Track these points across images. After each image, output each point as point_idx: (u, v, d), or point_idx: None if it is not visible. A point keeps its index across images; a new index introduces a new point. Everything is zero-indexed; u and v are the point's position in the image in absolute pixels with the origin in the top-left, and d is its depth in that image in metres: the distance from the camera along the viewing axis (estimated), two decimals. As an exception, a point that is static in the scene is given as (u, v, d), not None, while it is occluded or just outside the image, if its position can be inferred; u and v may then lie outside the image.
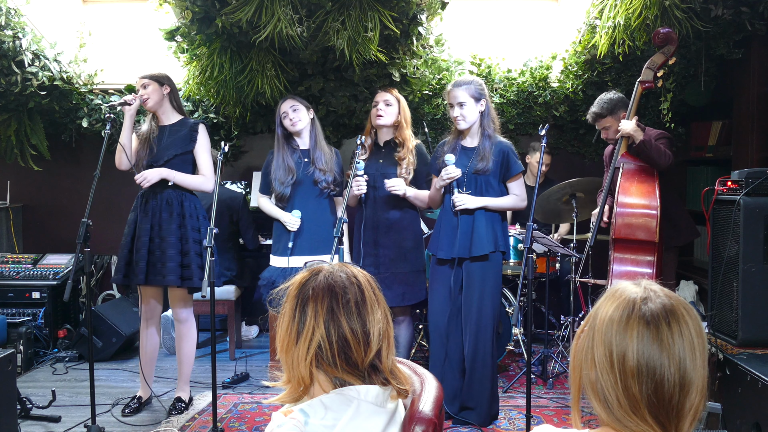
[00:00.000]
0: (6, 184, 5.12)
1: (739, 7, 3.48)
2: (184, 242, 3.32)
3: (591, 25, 4.30)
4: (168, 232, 3.30)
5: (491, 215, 3.29)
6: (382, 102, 3.51)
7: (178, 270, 3.29)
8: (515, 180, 3.32)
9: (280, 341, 1.27)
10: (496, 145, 3.28)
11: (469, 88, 3.25)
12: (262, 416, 3.39)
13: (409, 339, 3.64)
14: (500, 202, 3.30)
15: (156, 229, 3.31)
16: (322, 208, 3.56)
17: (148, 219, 3.32)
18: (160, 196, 3.34)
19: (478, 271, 3.24)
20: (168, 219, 3.32)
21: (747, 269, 2.79)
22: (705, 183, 4.54)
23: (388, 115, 3.51)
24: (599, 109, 3.60)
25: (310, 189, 3.53)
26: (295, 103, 3.58)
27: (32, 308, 4.43)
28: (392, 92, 3.56)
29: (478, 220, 3.25)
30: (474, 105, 3.26)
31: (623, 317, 1.02)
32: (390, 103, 3.51)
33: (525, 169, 3.77)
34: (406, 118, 3.54)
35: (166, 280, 3.29)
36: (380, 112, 3.50)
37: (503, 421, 3.32)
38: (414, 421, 1.30)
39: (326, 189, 3.54)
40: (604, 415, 1.04)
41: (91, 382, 3.04)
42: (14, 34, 4.20)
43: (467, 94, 3.24)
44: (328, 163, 3.55)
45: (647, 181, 3.29)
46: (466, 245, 3.24)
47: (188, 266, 3.30)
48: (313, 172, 3.52)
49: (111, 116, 3.21)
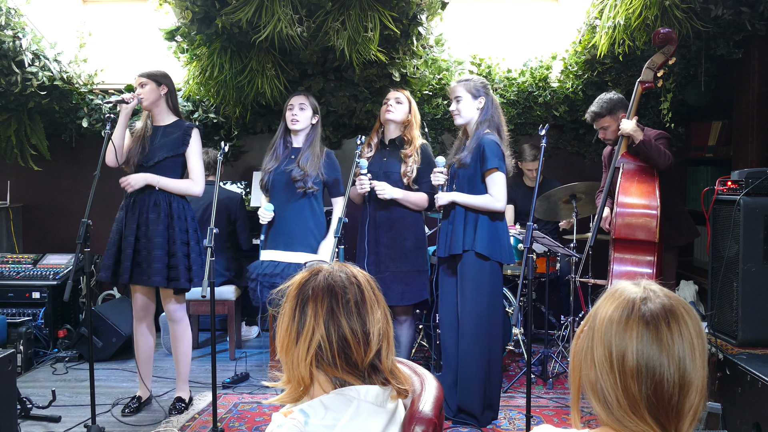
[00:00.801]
0: (6, 184, 5.12)
1: (739, 7, 3.48)
2: (171, 243, 3.31)
3: (591, 25, 4.30)
4: (155, 233, 3.29)
5: (469, 214, 3.22)
6: (393, 99, 3.55)
7: (165, 271, 3.28)
8: (489, 176, 3.19)
9: (280, 341, 1.27)
10: (479, 138, 3.22)
11: (467, 84, 3.27)
12: (262, 416, 3.39)
13: (410, 339, 3.64)
14: (470, 199, 3.22)
15: (143, 229, 3.30)
16: (299, 206, 3.53)
17: (135, 218, 3.31)
18: (148, 197, 3.33)
19: (461, 270, 3.23)
20: (155, 220, 3.30)
21: (747, 269, 2.79)
22: (705, 183, 4.54)
23: (398, 111, 3.53)
24: (598, 108, 3.60)
25: (289, 186, 3.52)
26: (305, 102, 3.59)
27: (32, 308, 4.43)
28: (404, 92, 3.61)
29: (456, 217, 3.24)
30: (471, 101, 3.26)
31: (623, 317, 1.02)
32: (401, 101, 3.55)
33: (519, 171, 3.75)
34: (416, 118, 3.59)
35: (151, 280, 3.28)
36: (390, 108, 3.53)
37: (503, 421, 3.32)
38: (414, 421, 1.30)
39: (301, 189, 3.51)
40: (604, 415, 1.04)
41: (91, 382, 3.04)
42: (14, 34, 4.20)
43: (464, 90, 3.27)
44: (313, 165, 3.51)
45: (647, 181, 3.29)
46: (448, 242, 3.27)
47: (175, 267, 3.30)
48: (293, 170, 3.51)
49: (111, 116, 3.21)
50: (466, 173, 3.25)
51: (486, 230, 3.20)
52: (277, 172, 3.55)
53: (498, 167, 3.17)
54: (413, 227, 3.54)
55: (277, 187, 3.54)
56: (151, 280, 3.28)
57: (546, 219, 4.47)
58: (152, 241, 3.28)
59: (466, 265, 3.20)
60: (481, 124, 3.25)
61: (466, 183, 3.25)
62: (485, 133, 3.23)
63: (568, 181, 4.51)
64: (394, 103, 3.54)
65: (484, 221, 3.22)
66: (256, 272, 3.53)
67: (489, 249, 3.19)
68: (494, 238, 3.21)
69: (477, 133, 3.25)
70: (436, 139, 4.96)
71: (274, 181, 3.55)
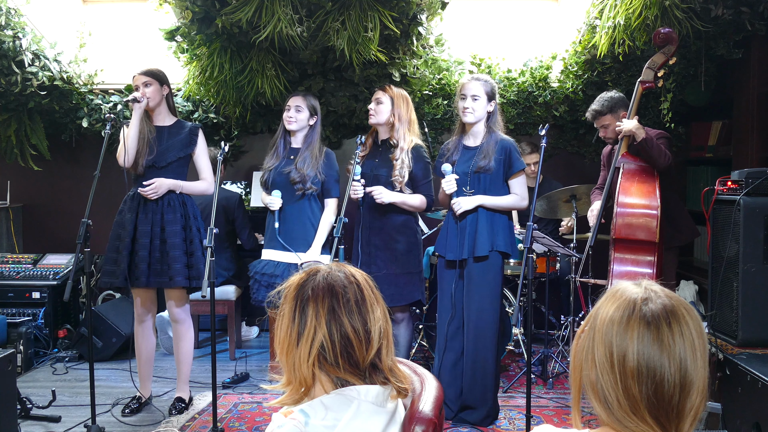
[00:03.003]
0: (6, 184, 5.12)
1: (739, 7, 3.48)
2: (188, 243, 3.33)
3: (591, 25, 4.30)
4: (172, 233, 3.30)
5: (492, 215, 3.27)
6: (374, 101, 3.49)
7: (185, 270, 3.30)
8: (516, 177, 3.31)
9: (280, 344, 1.27)
10: (499, 142, 3.28)
11: (486, 84, 3.30)
12: (262, 416, 3.39)
13: (408, 339, 3.62)
14: (498, 201, 3.28)
15: (157, 230, 3.30)
16: (298, 206, 3.53)
17: (149, 220, 3.30)
18: (160, 198, 3.33)
19: (478, 272, 3.24)
20: (172, 220, 3.32)
21: (747, 269, 2.79)
22: (705, 183, 4.54)
23: (378, 113, 3.46)
24: (599, 106, 3.60)
25: (289, 186, 3.51)
26: (301, 104, 3.56)
27: (32, 308, 4.43)
28: (388, 90, 3.48)
29: (480, 220, 3.25)
30: (485, 103, 3.28)
31: (624, 318, 1.02)
32: (381, 101, 3.45)
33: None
34: (399, 117, 3.43)
35: (174, 281, 3.29)
36: (371, 111, 3.49)
37: (503, 421, 3.32)
38: (414, 421, 1.29)
39: (300, 191, 3.50)
40: (604, 415, 1.04)
41: (91, 382, 3.04)
42: (14, 34, 4.20)
43: (483, 90, 3.28)
44: (311, 166, 3.49)
45: (648, 181, 3.29)
46: (470, 246, 3.25)
47: (194, 266, 3.31)
48: (291, 171, 3.50)
49: (111, 116, 3.21)
50: (488, 177, 3.27)
51: (506, 229, 3.32)
52: (276, 172, 3.55)
53: (523, 168, 3.33)
54: (404, 230, 3.48)
55: (277, 188, 3.54)
56: (173, 281, 3.29)
57: (547, 218, 4.47)
58: (168, 242, 3.29)
59: (488, 267, 3.24)
60: (492, 127, 3.32)
61: (489, 186, 3.28)
62: (502, 138, 3.31)
63: (568, 181, 4.51)
64: (374, 105, 3.47)
65: (503, 221, 3.31)
66: (254, 270, 3.54)
67: (510, 247, 3.32)
68: (511, 236, 3.35)
69: (492, 136, 3.30)
70: (436, 139, 4.95)
71: (275, 182, 3.55)
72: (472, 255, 3.24)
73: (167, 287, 3.36)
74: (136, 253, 3.29)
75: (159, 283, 3.31)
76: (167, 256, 3.29)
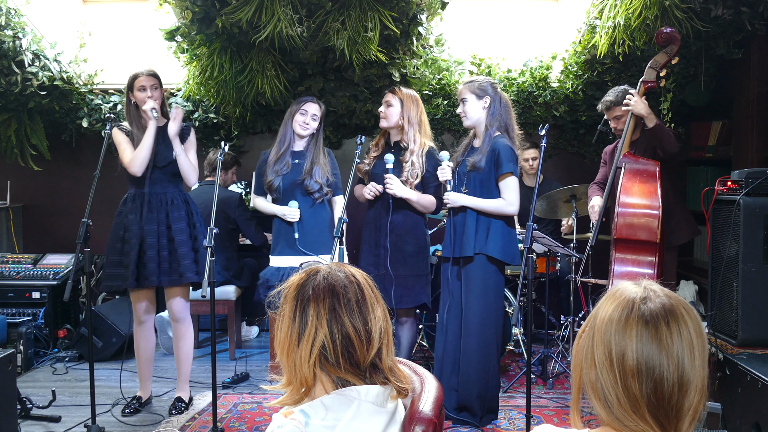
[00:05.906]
0: (6, 184, 5.12)
1: (739, 7, 3.48)
2: (193, 240, 3.36)
3: (591, 25, 4.30)
4: (179, 230, 3.32)
5: (482, 218, 3.22)
6: (384, 104, 3.47)
7: (194, 266, 3.32)
8: (504, 180, 3.18)
9: (280, 344, 1.26)
10: (492, 142, 3.21)
11: (470, 85, 3.25)
12: (262, 416, 3.39)
13: (411, 340, 3.62)
14: (481, 203, 3.20)
15: (163, 229, 3.31)
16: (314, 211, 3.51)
17: (154, 219, 3.31)
18: (162, 197, 3.34)
19: (472, 273, 3.22)
20: (178, 218, 3.34)
21: (747, 269, 2.79)
22: (705, 183, 4.54)
23: (388, 117, 3.45)
24: (614, 96, 3.60)
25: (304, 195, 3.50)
26: (318, 113, 3.52)
27: (32, 308, 4.43)
28: (397, 92, 3.45)
29: (468, 221, 3.22)
30: (476, 102, 3.23)
31: (622, 317, 1.03)
32: (391, 104, 3.43)
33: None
34: (409, 119, 3.42)
35: (184, 278, 3.30)
36: (382, 115, 3.48)
37: (503, 421, 3.32)
38: (414, 421, 1.29)
39: (319, 199, 3.50)
40: (604, 414, 1.04)
41: (91, 382, 3.04)
42: (14, 34, 4.20)
43: (468, 91, 3.24)
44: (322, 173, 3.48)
45: (649, 181, 3.29)
46: (459, 246, 3.24)
47: (200, 262, 3.33)
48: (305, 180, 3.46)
49: (111, 116, 3.22)
50: (479, 176, 3.22)
51: (500, 235, 3.21)
52: (286, 180, 3.48)
53: (513, 171, 3.19)
54: (414, 232, 3.46)
55: (292, 198, 3.48)
56: (183, 278, 3.30)
57: (547, 218, 4.47)
58: (175, 240, 3.31)
59: (475, 269, 3.20)
60: (491, 125, 3.23)
61: (479, 186, 3.22)
62: (496, 136, 3.22)
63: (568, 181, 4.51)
64: (384, 108, 3.45)
65: (498, 226, 3.21)
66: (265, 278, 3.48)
67: (504, 253, 3.20)
68: (508, 243, 3.23)
69: (488, 134, 3.23)
70: (436, 139, 4.95)
71: (287, 191, 3.49)
72: (459, 254, 3.23)
73: (177, 285, 3.36)
74: (145, 253, 3.29)
75: (170, 281, 3.32)
76: (176, 253, 3.31)
